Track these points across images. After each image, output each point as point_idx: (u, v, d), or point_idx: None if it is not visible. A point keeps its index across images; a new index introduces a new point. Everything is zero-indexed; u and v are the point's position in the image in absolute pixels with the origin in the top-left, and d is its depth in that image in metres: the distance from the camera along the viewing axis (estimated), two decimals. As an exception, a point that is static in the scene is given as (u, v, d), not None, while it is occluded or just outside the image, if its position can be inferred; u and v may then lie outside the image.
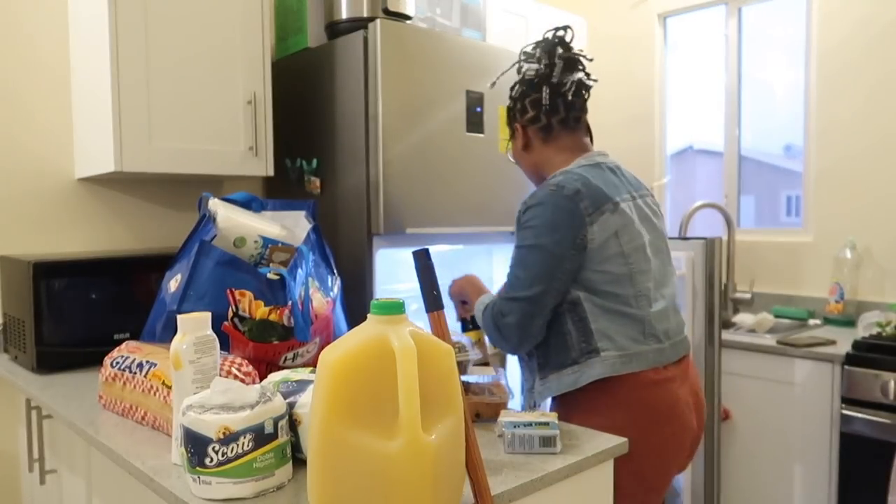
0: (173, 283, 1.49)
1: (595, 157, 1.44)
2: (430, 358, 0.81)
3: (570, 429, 1.24)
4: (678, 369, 1.42)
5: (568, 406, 1.38)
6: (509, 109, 1.53)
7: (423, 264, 0.94)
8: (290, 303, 1.37)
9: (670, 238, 2.05)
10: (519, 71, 1.49)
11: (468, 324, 1.62)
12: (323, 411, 0.79)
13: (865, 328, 2.31)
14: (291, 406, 1.00)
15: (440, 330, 0.92)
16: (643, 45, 3.20)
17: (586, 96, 1.48)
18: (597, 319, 1.33)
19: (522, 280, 1.33)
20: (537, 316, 1.33)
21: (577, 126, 1.47)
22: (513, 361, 1.70)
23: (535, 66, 1.44)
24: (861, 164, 2.56)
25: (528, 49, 1.48)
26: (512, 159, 1.58)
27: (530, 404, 1.45)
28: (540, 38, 1.48)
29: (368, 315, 0.83)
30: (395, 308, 0.82)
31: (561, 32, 1.45)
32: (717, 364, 2.03)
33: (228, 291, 1.33)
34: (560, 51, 1.44)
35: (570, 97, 1.43)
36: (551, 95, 1.43)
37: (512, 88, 1.52)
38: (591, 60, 1.49)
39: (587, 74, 1.47)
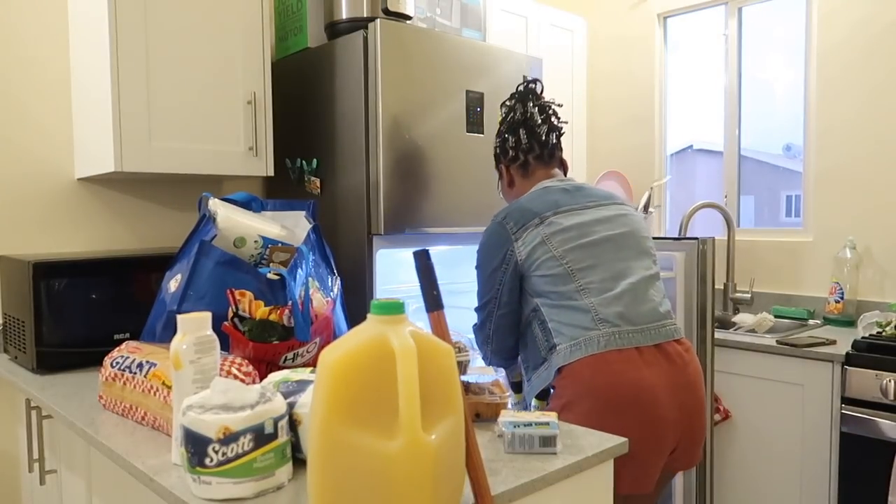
0: (173, 283, 1.49)
1: (545, 183, 1.65)
2: (430, 358, 0.81)
3: (570, 429, 1.24)
4: (651, 355, 1.46)
5: (553, 402, 1.48)
6: (495, 154, 1.78)
7: (423, 264, 0.94)
8: (290, 303, 1.37)
9: (668, 238, 2.06)
10: (500, 121, 1.75)
11: (518, 386, 1.72)
12: (323, 411, 0.79)
13: (865, 328, 2.31)
14: (291, 406, 1.00)
15: (440, 330, 0.92)
16: (643, 45, 3.20)
17: (559, 135, 1.72)
18: (552, 318, 1.50)
19: (477, 294, 1.63)
20: (487, 321, 1.59)
21: (552, 161, 1.71)
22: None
23: (512, 114, 1.71)
24: (861, 164, 2.56)
25: (507, 102, 1.75)
26: (502, 196, 1.82)
27: (522, 406, 1.59)
28: (514, 91, 1.74)
29: (368, 315, 0.83)
30: (395, 308, 0.82)
31: (532, 85, 1.72)
32: (710, 364, 2.03)
33: (228, 291, 1.33)
34: (532, 98, 1.71)
35: (543, 137, 1.68)
36: (528, 136, 1.68)
37: (496, 136, 1.77)
38: (560, 106, 1.75)
39: (557, 118, 1.72)
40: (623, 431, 1.37)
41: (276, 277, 1.46)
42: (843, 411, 2.07)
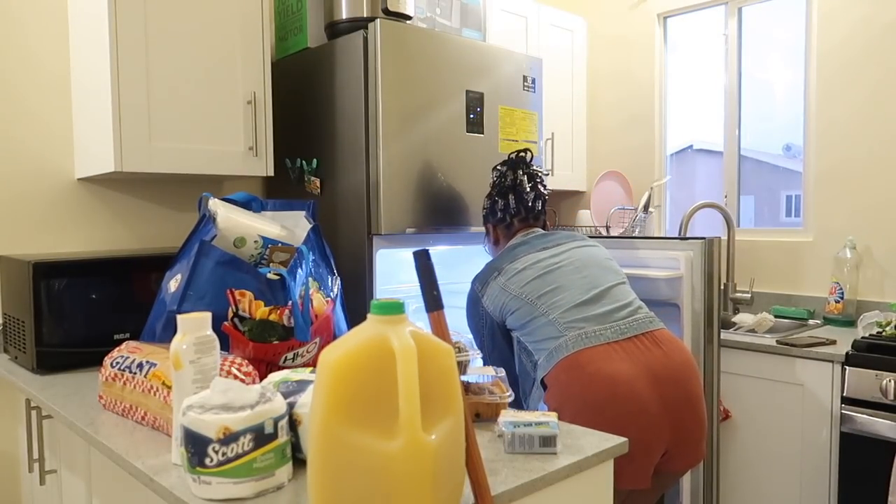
0: (173, 283, 1.49)
1: (514, 241, 1.81)
2: (430, 358, 0.81)
3: (570, 429, 1.24)
4: (625, 349, 1.52)
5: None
6: (484, 215, 1.93)
7: (423, 264, 0.94)
8: (290, 303, 1.37)
9: (675, 238, 2.07)
10: (491, 185, 1.90)
11: None
12: (323, 411, 0.79)
13: (865, 328, 2.31)
14: (291, 406, 1.00)
15: (440, 330, 0.92)
16: (643, 45, 3.20)
17: (544, 201, 1.87)
18: (529, 342, 1.63)
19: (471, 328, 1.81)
20: (488, 360, 1.77)
21: (536, 222, 1.87)
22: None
23: (503, 179, 1.86)
24: (861, 164, 2.56)
25: (498, 167, 1.90)
26: (488, 252, 1.97)
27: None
28: (506, 159, 1.90)
29: (368, 315, 0.83)
30: (395, 308, 0.82)
31: (523, 154, 1.88)
32: (716, 364, 2.03)
33: (228, 291, 1.33)
34: (522, 167, 1.86)
35: (529, 203, 1.83)
36: (516, 201, 1.83)
37: (486, 198, 1.92)
38: (546, 175, 1.96)
39: (544, 186, 1.88)
40: (605, 429, 1.39)
41: (276, 277, 1.46)
42: (843, 411, 2.07)
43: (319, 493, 0.81)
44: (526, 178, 1.85)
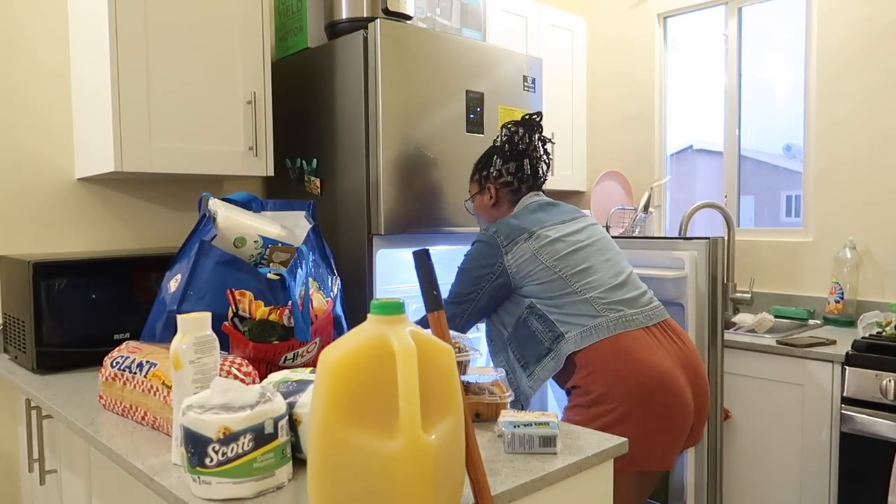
0: (173, 283, 1.49)
1: (526, 201, 1.77)
2: (430, 358, 0.81)
3: (570, 429, 1.24)
4: (655, 336, 1.60)
5: (579, 398, 1.56)
6: (480, 170, 1.83)
7: (423, 264, 0.94)
8: (290, 303, 1.37)
9: (674, 238, 2.08)
10: (500, 141, 1.81)
11: None
12: (323, 411, 0.79)
13: (865, 328, 2.31)
14: (291, 406, 1.00)
15: (440, 330, 0.92)
16: (643, 45, 3.20)
17: (550, 167, 1.84)
18: (552, 312, 1.60)
19: (451, 289, 1.73)
20: (458, 317, 1.70)
21: (539, 188, 1.82)
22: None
23: (516, 139, 1.77)
24: (861, 164, 2.56)
25: (510, 125, 1.80)
26: (470, 210, 1.91)
27: (521, 405, 1.65)
28: (520, 119, 1.80)
29: (368, 315, 0.83)
30: (395, 308, 0.82)
31: (537, 118, 1.81)
32: (719, 364, 2.03)
33: (228, 291, 1.33)
34: (539, 130, 1.80)
35: (540, 172, 1.80)
36: (530, 167, 1.77)
37: (488, 156, 1.82)
38: (553, 143, 1.90)
39: (548, 151, 1.83)
40: (656, 415, 1.51)
41: (276, 277, 1.46)
42: (843, 411, 2.07)
43: (319, 493, 0.81)
44: (540, 143, 1.80)
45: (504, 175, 1.77)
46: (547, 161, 1.82)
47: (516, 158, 1.77)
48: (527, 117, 1.80)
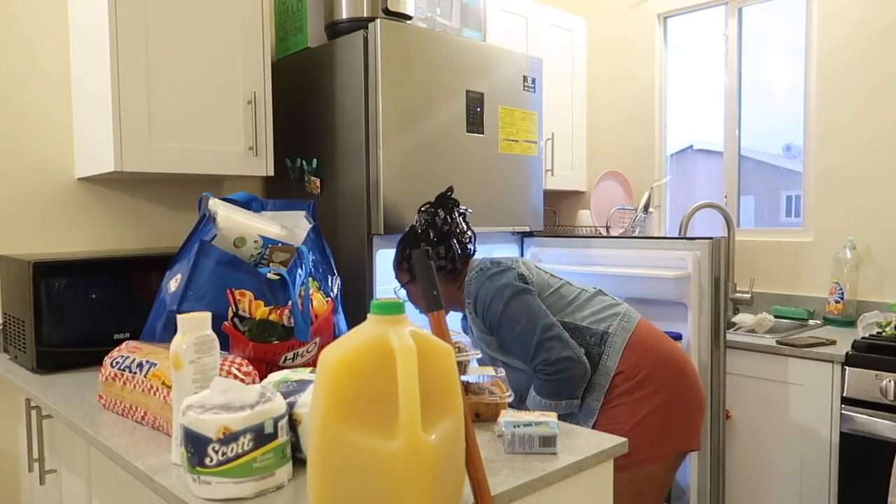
0: (173, 283, 1.49)
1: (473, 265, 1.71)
2: (430, 358, 0.81)
3: (570, 429, 1.24)
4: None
5: (625, 383, 1.56)
6: (408, 259, 1.71)
7: (424, 264, 0.94)
8: (290, 303, 1.37)
9: (676, 238, 2.09)
10: (420, 227, 1.71)
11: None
12: (323, 411, 0.79)
13: (865, 328, 2.31)
14: (291, 406, 1.00)
15: (440, 330, 0.92)
16: (643, 45, 3.20)
17: (475, 238, 1.76)
18: (579, 320, 1.61)
19: (528, 327, 1.55)
20: (561, 333, 1.55)
21: (469, 262, 1.74)
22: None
23: (436, 221, 1.70)
24: (861, 164, 2.56)
25: (424, 208, 1.72)
26: (406, 301, 1.73)
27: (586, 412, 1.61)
28: (434, 201, 1.72)
29: (368, 315, 0.83)
30: (395, 308, 0.82)
31: (449, 192, 1.72)
32: (722, 364, 2.03)
33: (228, 291, 1.33)
34: (455, 206, 1.72)
35: (468, 244, 1.73)
36: (459, 244, 1.70)
37: (407, 245, 1.72)
38: (470, 212, 1.78)
39: (470, 227, 1.76)
40: (690, 394, 1.58)
41: (276, 277, 1.46)
42: (843, 411, 2.07)
43: (319, 493, 0.81)
44: (461, 218, 1.74)
45: (435, 260, 1.70)
46: (471, 235, 1.75)
47: (442, 241, 1.70)
48: (440, 195, 1.73)
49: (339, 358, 0.79)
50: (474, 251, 1.76)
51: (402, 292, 1.76)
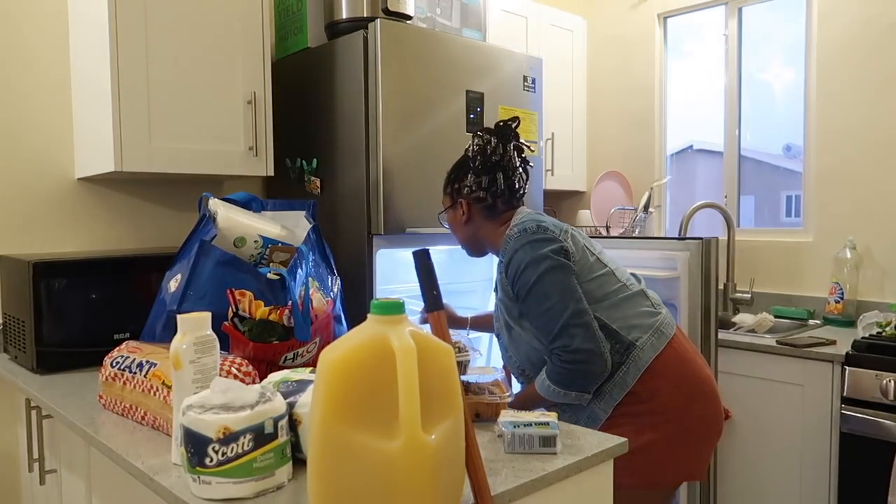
0: (173, 283, 1.49)
1: (524, 217, 1.55)
2: (429, 358, 0.81)
3: (570, 429, 1.24)
4: (685, 339, 1.54)
5: (635, 406, 1.43)
6: (451, 183, 1.63)
7: (424, 264, 0.94)
8: (290, 303, 1.37)
9: (672, 238, 2.07)
10: (471, 152, 1.59)
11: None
12: (323, 411, 0.79)
13: (865, 328, 2.31)
14: (291, 406, 1.00)
15: (440, 330, 0.92)
16: (643, 45, 3.20)
17: (527, 180, 1.63)
18: (614, 319, 1.44)
19: (557, 306, 1.40)
20: (591, 323, 1.40)
21: (518, 204, 1.62)
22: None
23: (488, 150, 1.56)
24: (861, 164, 2.56)
25: (481, 134, 1.58)
26: (445, 225, 1.70)
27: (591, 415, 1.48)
28: (493, 127, 1.59)
29: (368, 315, 0.83)
30: (395, 308, 0.82)
31: (512, 123, 1.58)
32: (714, 365, 2.03)
33: (228, 291, 1.33)
34: (514, 138, 1.58)
35: (516, 185, 1.59)
36: (504, 181, 1.56)
37: (459, 168, 1.62)
38: (532, 151, 1.62)
39: (526, 161, 1.62)
40: (707, 425, 1.46)
41: (276, 277, 1.46)
42: (843, 411, 2.07)
43: (319, 493, 0.81)
44: (516, 153, 1.59)
45: (476, 190, 1.57)
46: (525, 174, 1.61)
47: (488, 172, 1.56)
48: (501, 124, 1.59)
49: (339, 358, 0.79)
50: (522, 194, 1.60)
51: (444, 216, 1.69)
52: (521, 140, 1.60)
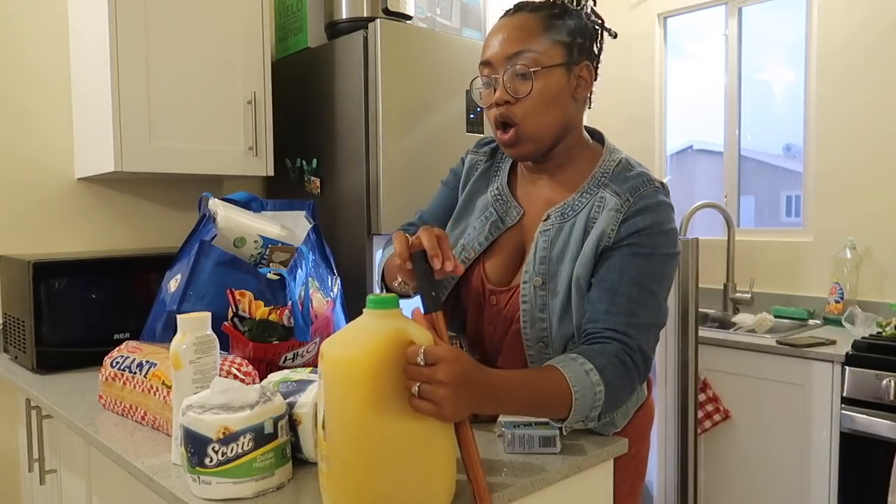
0: (173, 283, 1.49)
1: (616, 152, 1.20)
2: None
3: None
4: None
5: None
6: (574, 34, 1.10)
7: (423, 265, 0.94)
8: (290, 303, 1.37)
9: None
10: (577, 3, 1.12)
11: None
12: (362, 408, 0.80)
13: (866, 328, 2.31)
14: (291, 406, 1.00)
15: (439, 330, 0.92)
16: (643, 45, 3.20)
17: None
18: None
19: (659, 299, 1.06)
20: (655, 336, 1.09)
21: None
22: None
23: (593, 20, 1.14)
24: (861, 164, 2.56)
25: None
26: (511, 96, 1.09)
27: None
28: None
29: (364, 310, 0.84)
30: (390, 302, 0.84)
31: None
32: (691, 361, 2.04)
33: (228, 291, 1.33)
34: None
35: (599, 34, 1.19)
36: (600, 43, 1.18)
37: (580, 18, 1.13)
38: (613, 34, 1.23)
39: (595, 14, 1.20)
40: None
41: (276, 277, 1.46)
42: (843, 411, 2.07)
43: (355, 487, 0.82)
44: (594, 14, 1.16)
45: (595, 55, 1.13)
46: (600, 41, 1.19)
47: (597, 37, 1.15)
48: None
49: (365, 352, 0.80)
50: (598, 61, 1.17)
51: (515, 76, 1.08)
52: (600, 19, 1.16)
